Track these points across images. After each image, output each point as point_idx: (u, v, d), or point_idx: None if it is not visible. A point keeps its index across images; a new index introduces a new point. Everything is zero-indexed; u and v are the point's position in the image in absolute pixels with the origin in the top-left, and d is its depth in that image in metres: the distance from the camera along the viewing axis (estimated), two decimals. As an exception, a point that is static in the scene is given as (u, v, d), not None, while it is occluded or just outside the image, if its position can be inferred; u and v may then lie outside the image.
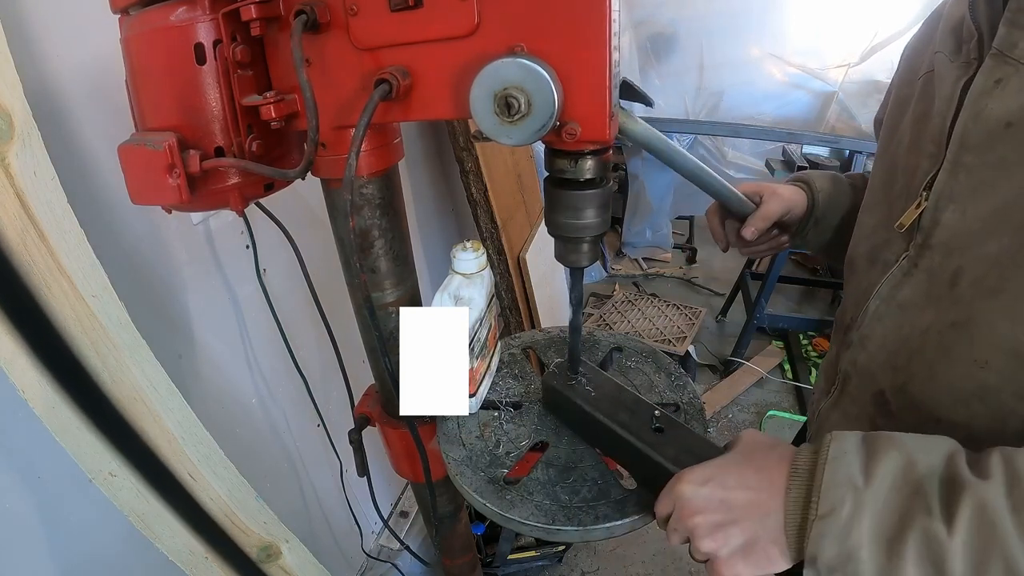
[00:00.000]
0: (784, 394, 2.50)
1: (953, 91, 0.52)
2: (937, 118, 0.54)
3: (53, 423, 0.66)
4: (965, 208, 0.50)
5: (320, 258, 0.90)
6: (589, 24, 0.41)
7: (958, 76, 0.52)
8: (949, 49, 0.55)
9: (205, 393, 1.01)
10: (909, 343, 0.56)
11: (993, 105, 0.48)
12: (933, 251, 0.54)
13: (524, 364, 0.80)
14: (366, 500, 0.98)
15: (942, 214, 0.52)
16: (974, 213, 0.50)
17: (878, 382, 0.60)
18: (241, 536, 0.89)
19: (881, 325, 0.59)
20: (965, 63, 0.52)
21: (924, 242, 0.54)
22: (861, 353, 0.62)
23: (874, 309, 0.60)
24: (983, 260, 0.49)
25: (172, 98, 0.50)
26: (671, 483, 0.52)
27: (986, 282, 0.49)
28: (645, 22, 2.81)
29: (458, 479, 0.63)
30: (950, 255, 0.52)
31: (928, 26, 0.64)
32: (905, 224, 0.56)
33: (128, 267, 0.84)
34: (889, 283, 0.58)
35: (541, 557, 1.78)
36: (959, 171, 0.51)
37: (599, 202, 0.51)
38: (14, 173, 0.58)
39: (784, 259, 2.39)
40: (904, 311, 0.57)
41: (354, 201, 0.58)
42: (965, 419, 0.51)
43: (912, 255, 0.56)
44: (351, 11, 0.46)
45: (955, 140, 0.51)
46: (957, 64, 0.53)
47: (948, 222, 0.52)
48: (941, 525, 0.38)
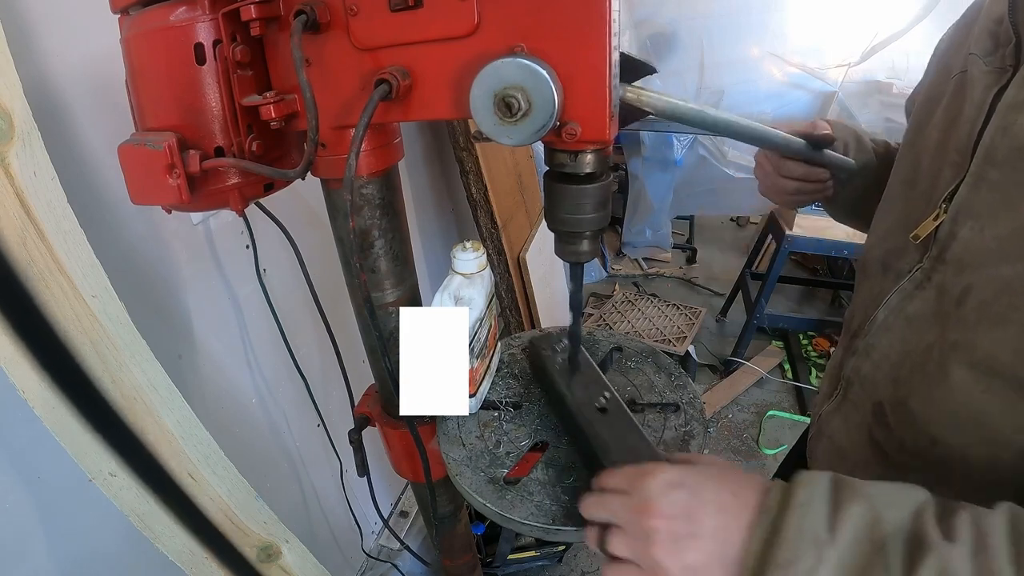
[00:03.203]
0: (784, 394, 2.50)
1: (983, 99, 0.50)
2: (965, 126, 0.52)
3: (53, 423, 0.66)
4: (984, 226, 0.48)
5: (320, 258, 0.90)
6: (589, 24, 0.41)
7: (990, 83, 0.50)
8: (984, 51, 0.52)
9: (205, 393, 1.01)
10: (912, 357, 0.55)
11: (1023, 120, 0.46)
12: (947, 266, 0.52)
13: (524, 364, 0.80)
14: (366, 500, 0.98)
15: (960, 229, 0.50)
16: (992, 232, 0.48)
17: (879, 393, 0.59)
18: (241, 536, 0.89)
19: (887, 336, 0.58)
20: (999, 69, 0.50)
21: (939, 255, 0.52)
22: (865, 362, 0.61)
23: (882, 319, 0.59)
24: (993, 283, 0.47)
25: (172, 98, 0.50)
26: (638, 471, 0.47)
27: (994, 308, 0.47)
28: (645, 22, 2.81)
29: (458, 479, 0.63)
30: (962, 272, 0.50)
31: (966, 20, 0.61)
32: (920, 236, 0.54)
33: (128, 267, 0.84)
34: (899, 294, 0.57)
35: (541, 557, 1.78)
36: (982, 186, 0.48)
37: (599, 197, 0.51)
38: (14, 173, 0.58)
39: (784, 259, 2.39)
40: (911, 325, 0.56)
41: (354, 201, 0.58)
42: (961, 444, 0.50)
43: (926, 268, 0.54)
44: (351, 11, 0.46)
45: (980, 153, 0.49)
46: (990, 69, 0.51)
47: (965, 237, 0.50)
48: None
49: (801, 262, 3.35)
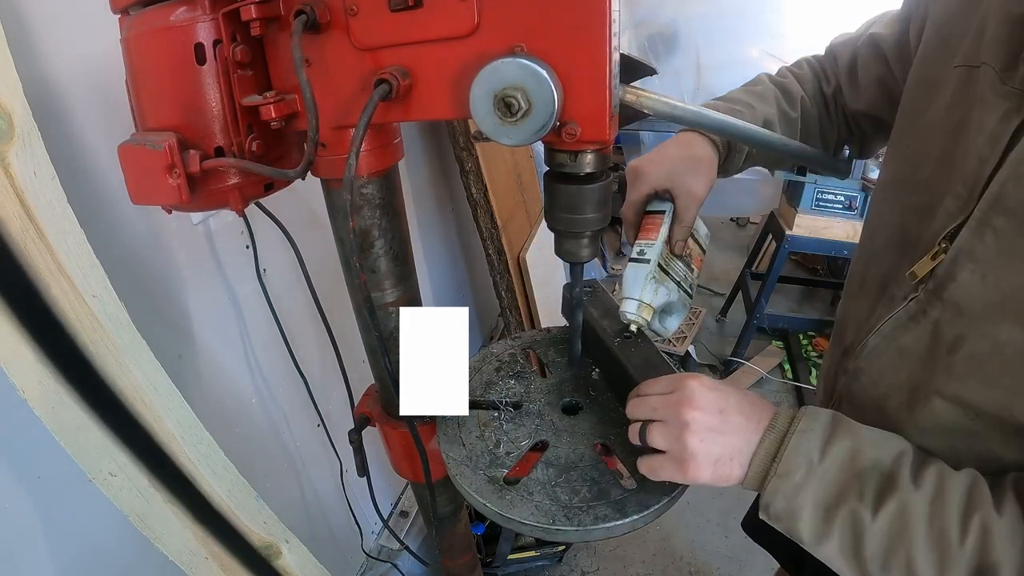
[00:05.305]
0: (784, 394, 2.50)
1: (999, 132, 0.45)
2: (974, 160, 0.47)
3: (53, 423, 0.66)
4: (986, 273, 0.46)
5: (320, 258, 0.90)
6: (589, 24, 0.41)
7: (1007, 112, 0.45)
8: (999, 63, 0.46)
9: (205, 393, 1.01)
10: (899, 391, 0.55)
11: None
12: (944, 305, 0.50)
13: (524, 364, 0.81)
14: (366, 500, 0.98)
15: (959, 271, 0.48)
16: (995, 282, 0.45)
17: (868, 415, 0.58)
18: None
19: (878, 363, 0.58)
20: (1018, 93, 0.44)
21: (935, 291, 0.50)
22: (855, 383, 0.61)
23: (873, 345, 0.58)
24: (987, 340, 0.46)
25: (172, 98, 0.50)
26: (679, 376, 0.56)
27: (985, 367, 0.47)
28: (645, 22, 2.81)
29: (458, 479, 0.63)
30: (959, 317, 0.49)
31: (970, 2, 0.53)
32: (918, 275, 0.52)
33: (128, 267, 0.84)
34: (893, 323, 0.55)
35: (541, 557, 1.78)
36: (986, 232, 0.46)
37: (599, 196, 0.51)
38: (14, 173, 0.58)
39: (784, 259, 2.39)
40: (902, 357, 0.55)
41: (354, 201, 0.58)
42: (953, 454, 0.50)
43: (922, 300, 0.52)
44: (351, 11, 0.46)
45: (989, 196, 0.45)
46: (1008, 90, 0.45)
47: (964, 282, 0.48)
48: (868, 511, 0.46)
49: (801, 262, 3.35)
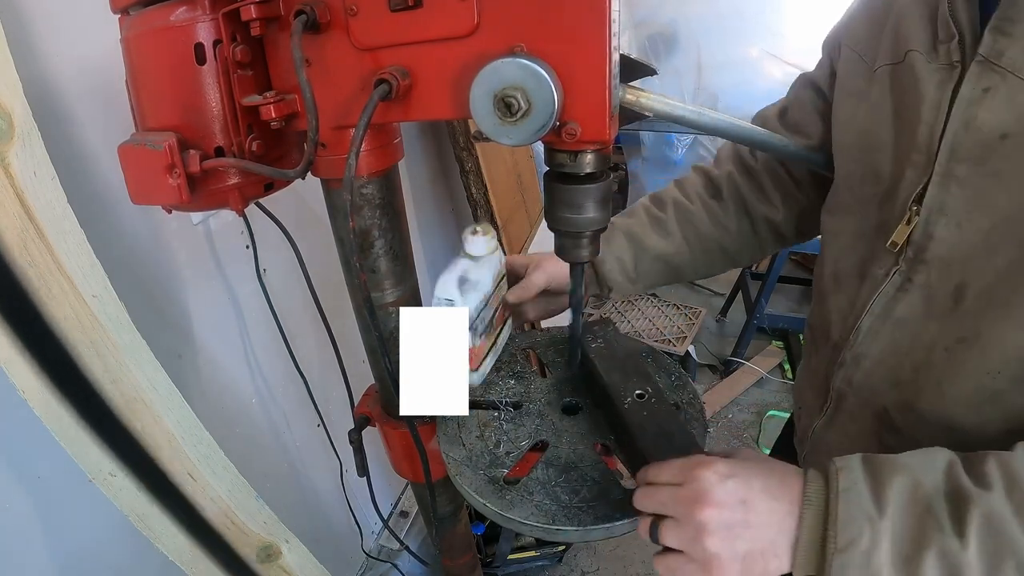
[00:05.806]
0: (784, 394, 2.50)
1: (939, 97, 0.50)
2: (924, 127, 0.51)
3: (53, 423, 0.66)
4: (960, 221, 0.49)
5: (320, 258, 0.90)
6: (589, 24, 0.41)
7: (941, 80, 0.50)
8: (924, 46, 0.52)
9: (205, 393, 1.01)
10: (912, 358, 0.55)
11: (984, 115, 0.46)
12: (929, 266, 0.52)
13: (524, 364, 0.80)
14: (366, 500, 0.98)
15: (935, 228, 0.51)
16: (972, 226, 0.48)
17: (879, 400, 0.59)
18: (241, 536, 0.89)
19: (877, 343, 0.58)
20: (947, 66, 0.49)
21: (916, 256, 0.53)
22: (856, 372, 0.61)
23: (868, 327, 0.58)
24: (989, 274, 0.48)
25: (172, 98, 0.50)
26: (689, 462, 0.49)
27: (996, 296, 0.48)
28: (645, 22, 2.81)
29: (458, 479, 0.63)
30: (949, 269, 0.51)
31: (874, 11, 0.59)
32: (898, 243, 0.54)
33: (128, 267, 0.84)
34: (881, 300, 0.57)
35: (541, 557, 1.78)
36: (950, 183, 0.49)
37: (599, 196, 0.51)
38: (14, 173, 0.58)
39: (784, 259, 2.39)
40: (901, 328, 0.56)
41: (354, 201, 0.58)
42: (977, 424, 0.51)
43: (904, 270, 0.54)
44: (351, 11, 0.46)
45: (944, 150, 0.49)
46: (937, 66, 0.50)
47: (943, 236, 0.50)
48: (954, 539, 0.40)
49: (801, 262, 3.35)
